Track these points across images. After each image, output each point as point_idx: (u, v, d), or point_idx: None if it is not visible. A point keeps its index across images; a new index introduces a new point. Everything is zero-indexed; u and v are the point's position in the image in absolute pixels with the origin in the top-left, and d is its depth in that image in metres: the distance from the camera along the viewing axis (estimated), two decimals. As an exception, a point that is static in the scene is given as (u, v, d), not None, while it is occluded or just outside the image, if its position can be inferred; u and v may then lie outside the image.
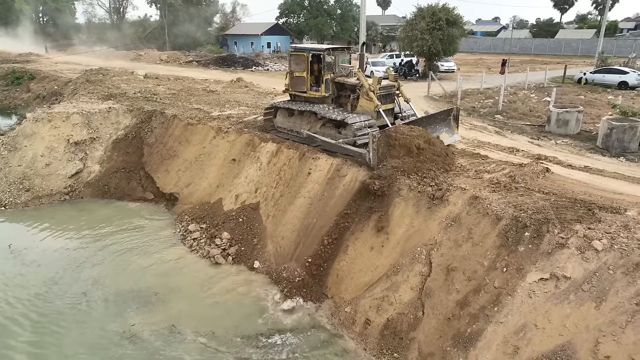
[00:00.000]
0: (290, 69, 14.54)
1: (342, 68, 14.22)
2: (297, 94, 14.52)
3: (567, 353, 7.09)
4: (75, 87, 26.36)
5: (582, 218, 8.64)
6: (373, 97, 12.84)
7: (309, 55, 13.71)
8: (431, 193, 10.23)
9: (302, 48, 14.28)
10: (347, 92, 13.86)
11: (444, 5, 33.41)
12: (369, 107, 13.07)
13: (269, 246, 12.45)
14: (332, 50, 13.86)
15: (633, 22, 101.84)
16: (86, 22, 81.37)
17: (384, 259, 10.22)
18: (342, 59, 14.53)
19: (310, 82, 14.01)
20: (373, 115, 13.03)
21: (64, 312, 10.44)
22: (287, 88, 14.83)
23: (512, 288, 8.16)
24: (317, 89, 13.99)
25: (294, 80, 14.44)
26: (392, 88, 13.71)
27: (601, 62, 38.78)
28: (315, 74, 14.04)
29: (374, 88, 12.87)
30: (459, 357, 8.02)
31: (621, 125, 15.07)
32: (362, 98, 13.17)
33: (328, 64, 13.76)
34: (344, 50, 14.70)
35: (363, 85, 13.01)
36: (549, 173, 11.56)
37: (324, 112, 13.52)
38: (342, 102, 14.07)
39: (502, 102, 22.42)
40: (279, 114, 15.50)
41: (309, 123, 14.33)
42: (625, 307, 6.98)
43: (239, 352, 9.32)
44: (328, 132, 13.69)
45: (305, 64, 13.83)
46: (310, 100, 14.28)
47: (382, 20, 79.44)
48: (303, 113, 14.44)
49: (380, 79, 13.24)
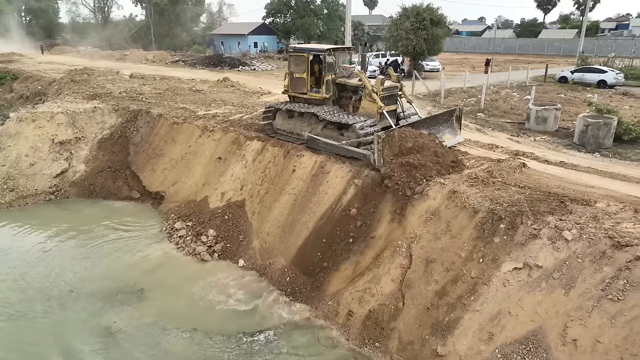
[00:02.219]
0: (289, 70, 14.21)
1: (343, 69, 13.89)
2: (297, 95, 14.26)
3: (538, 338, 7.44)
4: (60, 87, 26.17)
5: (554, 210, 9.02)
6: (376, 99, 12.63)
7: (309, 55, 13.46)
8: (411, 187, 10.48)
9: (302, 48, 14.01)
10: (349, 94, 13.68)
11: (428, 5, 33.85)
12: (371, 108, 12.85)
13: (255, 242, 12.64)
14: (332, 51, 13.55)
15: (614, 22, 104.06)
16: (70, 22, 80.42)
17: (368, 253, 10.49)
18: (342, 59, 14.20)
19: (310, 83, 13.77)
20: (376, 116, 12.88)
21: (50, 310, 10.53)
22: (287, 89, 14.56)
23: (487, 278, 8.50)
24: (318, 90, 13.74)
25: (293, 82, 14.15)
26: (394, 89, 13.47)
27: (582, 62, 39.67)
28: (316, 75, 13.81)
29: (377, 89, 12.68)
30: (437, 345, 8.33)
31: (596, 122, 15.56)
32: (365, 99, 12.97)
33: (329, 64, 13.45)
34: (344, 51, 14.41)
35: (366, 87, 12.82)
36: (525, 168, 11.96)
37: (326, 114, 13.25)
38: (343, 103, 13.86)
39: (485, 100, 22.87)
40: (279, 115, 15.10)
41: (310, 125, 13.99)
42: (592, 293, 7.35)
43: (224, 347, 9.50)
44: (330, 133, 13.43)
45: (305, 64, 13.55)
46: (311, 102, 14.01)
47: (368, 20, 79.91)
48: (303, 115, 14.09)
49: (383, 80, 12.99)
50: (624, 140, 15.59)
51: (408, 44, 33.10)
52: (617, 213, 8.91)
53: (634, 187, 10.92)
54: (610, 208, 9.11)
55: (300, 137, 14.17)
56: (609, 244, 7.75)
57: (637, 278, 7.10)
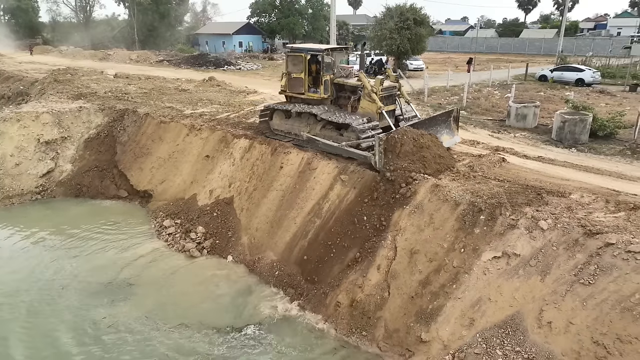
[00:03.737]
0: (287, 70, 14.04)
1: (341, 69, 13.78)
2: (295, 95, 14.12)
3: (515, 322, 7.85)
4: (43, 87, 25.90)
5: (531, 201, 9.48)
6: (376, 99, 12.54)
7: (307, 55, 13.35)
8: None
9: (300, 48, 13.88)
10: (347, 94, 13.60)
11: (411, 5, 34.36)
12: (371, 108, 12.76)
13: (244, 238, 12.86)
14: (330, 51, 13.43)
15: (592, 23, 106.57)
16: (50, 21, 79.03)
17: (354, 245, 10.81)
18: (340, 59, 14.09)
19: (308, 83, 13.66)
20: (375, 117, 12.80)
21: (39, 306, 10.62)
22: (284, 89, 14.41)
23: (468, 267, 8.90)
24: (316, 90, 13.62)
25: (291, 82, 13.98)
26: (393, 89, 13.43)
27: (561, 61, 40.68)
28: (313, 75, 13.70)
29: (376, 89, 12.60)
30: (421, 332, 8.69)
31: (573, 119, 16.14)
32: (364, 99, 12.88)
33: (327, 64, 13.32)
34: (342, 51, 14.37)
35: (365, 87, 12.72)
36: (505, 163, 12.45)
37: (325, 114, 13.14)
38: (341, 103, 13.77)
39: (467, 98, 23.41)
40: (276, 115, 14.93)
41: (308, 125, 13.85)
42: (566, 278, 7.78)
43: (213, 341, 9.67)
44: (328, 134, 13.33)
45: (303, 64, 13.41)
46: (308, 102, 13.85)
47: (353, 20, 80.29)
48: (301, 115, 13.94)
49: (382, 80, 12.88)
50: (599, 136, 16.18)
51: (392, 44, 33.55)
52: (590, 204, 9.40)
53: (606, 180, 11.46)
54: (584, 199, 9.59)
55: (297, 137, 14.04)
56: (582, 232, 8.20)
57: (607, 263, 7.55)
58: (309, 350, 9.38)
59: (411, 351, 8.66)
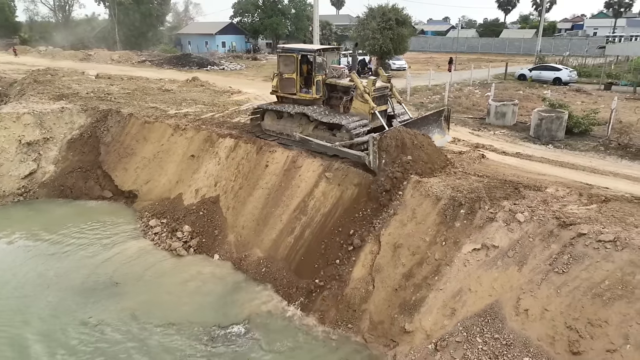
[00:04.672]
0: (278, 70, 14.08)
1: (333, 69, 13.85)
2: (286, 96, 14.17)
3: (494, 310, 8.18)
4: (22, 88, 25.50)
5: (509, 195, 9.85)
6: (368, 99, 12.66)
7: (298, 56, 13.43)
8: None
9: (291, 49, 13.91)
10: (339, 94, 13.68)
11: (393, 5, 34.82)
12: (363, 109, 12.87)
13: (230, 236, 12.99)
14: (322, 51, 13.47)
15: (570, 23, 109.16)
16: (27, 21, 77.42)
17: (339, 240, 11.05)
18: (331, 59, 14.13)
19: (300, 83, 13.72)
20: (368, 117, 12.89)
21: (25, 306, 10.58)
22: (276, 90, 14.44)
23: (450, 259, 9.21)
24: (308, 90, 13.67)
25: (282, 82, 14.01)
26: (385, 89, 13.56)
27: (539, 60, 41.69)
28: (305, 75, 13.76)
29: (369, 90, 12.71)
30: (405, 322, 8.97)
31: (549, 116, 16.66)
32: (356, 100, 12.98)
33: (319, 65, 13.38)
34: (333, 51, 14.45)
35: (358, 87, 12.82)
36: (484, 159, 12.83)
37: (318, 115, 13.20)
38: (333, 103, 13.83)
39: (448, 97, 23.89)
40: (267, 116, 14.96)
41: (300, 125, 13.89)
42: (541, 268, 8.14)
43: (200, 337, 9.76)
44: (321, 134, 13.38)
45: (294, 65, 13.48)
46: (300, 102, 13.91)
47: (336, 20, 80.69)
48: (293, 115, 13.98)
49: (374, 80, 12.97)
50: (575, 132, 16.74)
51: (375, 44, 33.96)
52: (564, 197, 9.81)
53: (580, 174, 11.93)
54: (558, 193, 10.00)
55: (289, 137, 14.07)
56: (556, 223, 8.58)
57: (579, 252, 7.93)
58: (296, 346, 9.55)
59: (395, 341, 8.94)
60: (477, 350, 7.83)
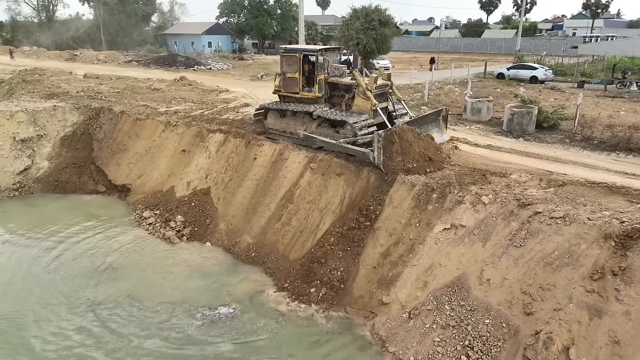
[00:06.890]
0: (281, 70, 14.45)
1: (335, 68, 14.35)
2: (289, 95, 14.55)
3: (461, 281, 9.14)
4: (11, 87, 25.91)
5: (476, 181, 10.85)
6: (370, 97, 13.03)
7: (300, 56, 13.85)
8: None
9: (294, 49, 14.35)
10: (341, 92, 14.08)
11: (376, 6, 35.82)
12: (365, 106, 13.28)
13: (221, 225, 13.77)
14: (324, 51, 13.91)
15: (550, 24, 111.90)
16: (9, 20, 76.69)
17: (322, 225, 11.94)
18: (332, 59, 14.55)
19: (302, 82, 14.11)
20: (370, 114, 13.31)
21: (27, 291, 11.23)
22: (279, 89, 14.79)
23: (423, 238, 10.16)
24: (310, 89, 14.07)
25: (285, 82, 14.39)
26: (386, 87, 13.96)
27: (518, 60, 43.14)
28: (307, 75, 14.19)
29: (371, 87, 13.10)
30: (382, 295, 9.89)
31: (520, 111, 17.77)
32: (359, 97, 13.35)
33: (321, 64, 13.78)
34: (334, 51, 14.93)
35: (360, 85, 13.22)
36: (457, 150, 13.83)
37: (322, 112, 13.54)
38: (335, 101, 14.24)
39: (428, 95, 24.95)
40: (270, 115, 15.28)
41: (304, 124, 14.20)
42: (502, 243, 9.13)
43: (192, 314, 10.46)
44: (324, 131, 13.69)
45: (297, 65, 13.89)
46: (302, 101, 14.29)
47: (321, 20, 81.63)
48: (296, 114, 14.34)
49: (376, 78, 13.34)
50: (544, 127, 17.86)
51: (358, 43, 34.89)
52: (526, 182, 10.85)
53: (543, 163, 12.99)
54: (521, 178, 11.04)
55: (293, 135, 14.47)
56: (516, 204, 9.58)
57: (535, 228, 8.93)
58: (284, 322, 10.31)
59: (374, 313, 9.85)
60: (445, 316, 8.78)
